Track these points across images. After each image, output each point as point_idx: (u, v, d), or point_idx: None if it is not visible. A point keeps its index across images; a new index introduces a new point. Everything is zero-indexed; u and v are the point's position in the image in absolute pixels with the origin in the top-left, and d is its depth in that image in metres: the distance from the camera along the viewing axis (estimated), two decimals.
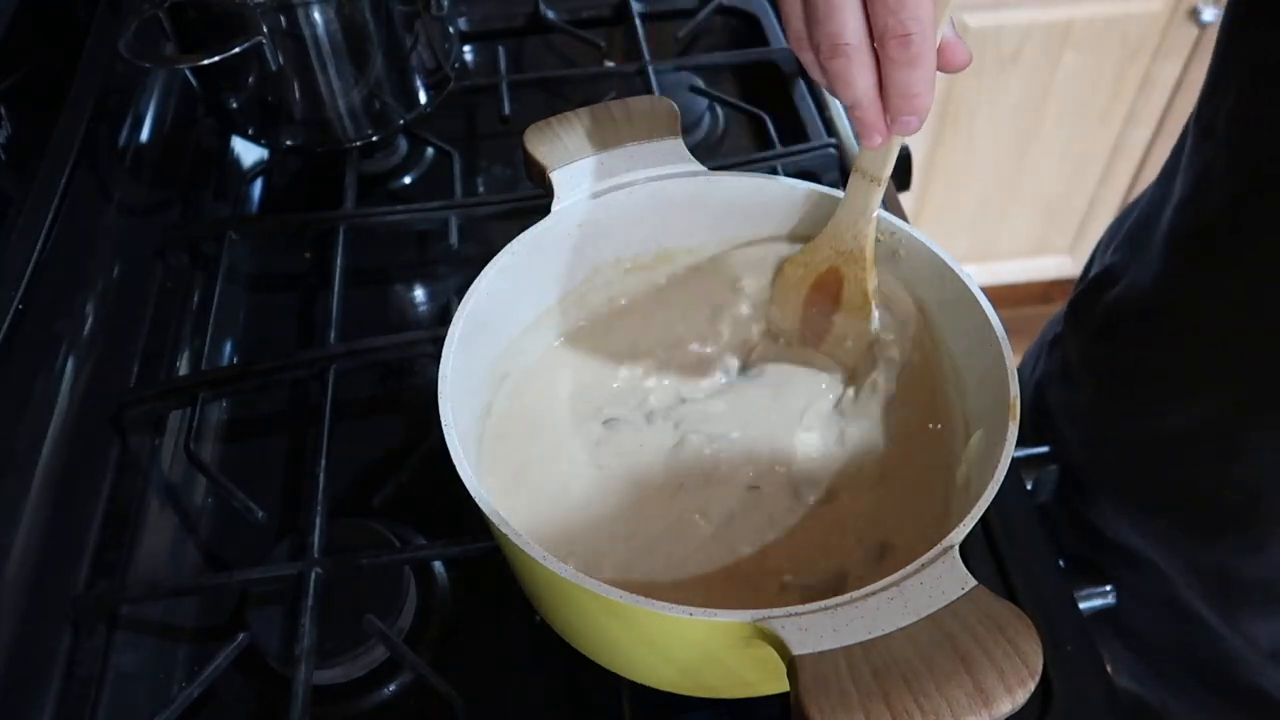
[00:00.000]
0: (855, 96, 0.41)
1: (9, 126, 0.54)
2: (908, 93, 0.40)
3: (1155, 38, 1.48)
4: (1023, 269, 1.85)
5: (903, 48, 0.39)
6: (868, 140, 0.43)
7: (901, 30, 0.39)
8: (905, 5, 0.38)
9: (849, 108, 0.42)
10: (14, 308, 0.51)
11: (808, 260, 0.51)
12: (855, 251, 0.49)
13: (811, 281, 0.51)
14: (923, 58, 0.40)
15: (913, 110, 0.41)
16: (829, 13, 0.40)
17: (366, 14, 0.67)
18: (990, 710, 0.31)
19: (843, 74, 0.41)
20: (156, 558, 0.55)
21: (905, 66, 0.40)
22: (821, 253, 0.50)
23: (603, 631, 0.43)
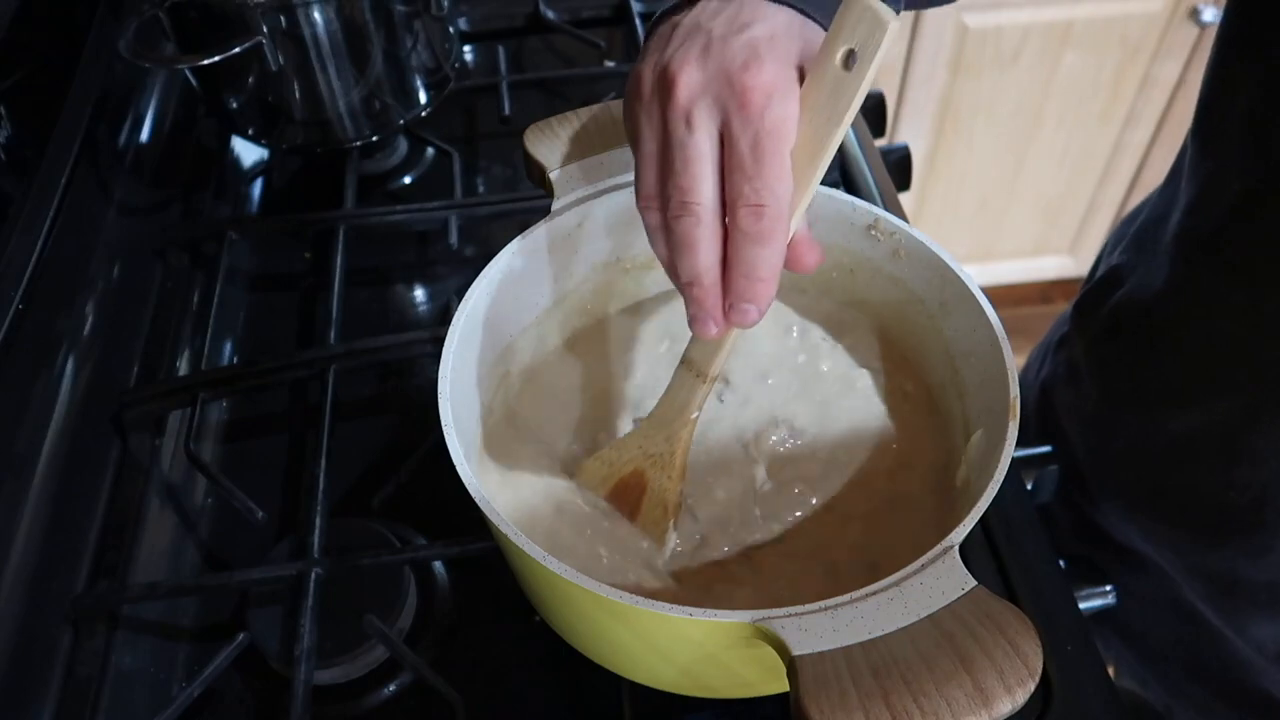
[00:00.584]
0: (696, 270, 0.38)
1: (9, 126, 0.54)
2: (753, 274, 0.37)
3: (1155, 38, 1.48)
4: (1023, 269, 1.85)
5: (754, 219, 0.36)
6: (701, 328, 0.39)
7: (756, 199, 0.36)
8: (763, 174, 0.36)
9: (684, 286, 0.39)
10: (14, 308, 0.51)
11: (613, 458, 0.46)
12: (665, 455, 0.45)
13: (613, 485, 0.46)
14: (774, 234, 0.36)
15: (753, 297, 0.37)
16: (684, 166, 0.37)
17: (366, 14, 0.67)
18: (990, 710, 0.31)
19: (687, 237, 0.37)
20: (156, 558, 0.55)
21: (754, 241, 0.36)
22: (628, 451, 0.46)
23: (603, 632, 0.43)
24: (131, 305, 0.64)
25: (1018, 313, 1.92)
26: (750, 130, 0.36)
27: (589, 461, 0.47)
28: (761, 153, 0.36)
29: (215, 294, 0.66)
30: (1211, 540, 0.55)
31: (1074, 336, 0.65)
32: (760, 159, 0.36)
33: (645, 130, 0.39)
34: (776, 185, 0.36)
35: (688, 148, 0.37)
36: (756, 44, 0.37)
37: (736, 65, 0.36)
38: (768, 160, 0.36)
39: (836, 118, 0.36)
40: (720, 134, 0.37)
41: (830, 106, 0.36)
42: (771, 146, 0.36)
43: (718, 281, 0.38)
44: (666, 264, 0.39)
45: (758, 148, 0.36)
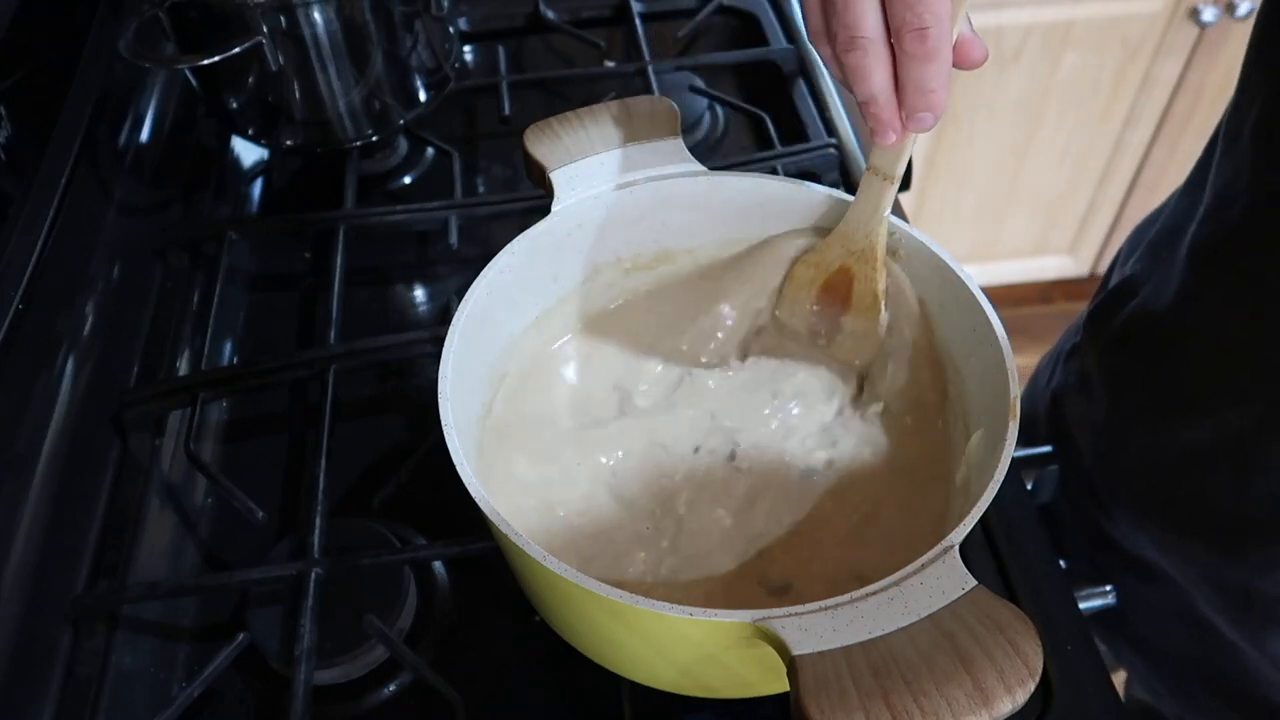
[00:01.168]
0: (871, 91, 0.41)
1: (9, 126, 0.54)
2: (924, 88, 0.40)
3: (1155, 38, 1.48)
4: (1023, 269, 1.85)
5: (919, 41, 0.39)
6: (882, 138, 0.43)
7: (918, 24, 0.39)
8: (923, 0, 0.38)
9: (863, 104, 0.42)
10: (14, 308, 0.51)
11: (819, 260, 0.50)
12: (867, 251, 0.49)
13: (822, 281, 0.51)
14: (939, 53, 0.39)
15: (928, 106, 0.41)
16: (847, 5, 0.40)
17: (366, 14, 0.67)
18: (990, 710, 0.31)
19: (859, 67, 0.41)
20: (156, 558, 0.55)
21: (921, 61, 0.40)
22: (833, 251, 0.50)
23: (603, 632, 0.43)
24: (131, 305, 0.64)
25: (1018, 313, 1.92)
26: None
27: (796, 267, 0.51)
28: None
29: (215, 294, 0.66)
30: (1227, 552, 0.54)
31: (1086, 346, 0.64)
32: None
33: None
34: (935, 6, 0.39)
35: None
36: None
37: None
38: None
39: None
40: None
41: None
42: None
43: (892, 98, 0.41)
44: (843, 83, 0.43)
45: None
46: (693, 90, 0.80)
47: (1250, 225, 0.49)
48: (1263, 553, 0.52)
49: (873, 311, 0.50)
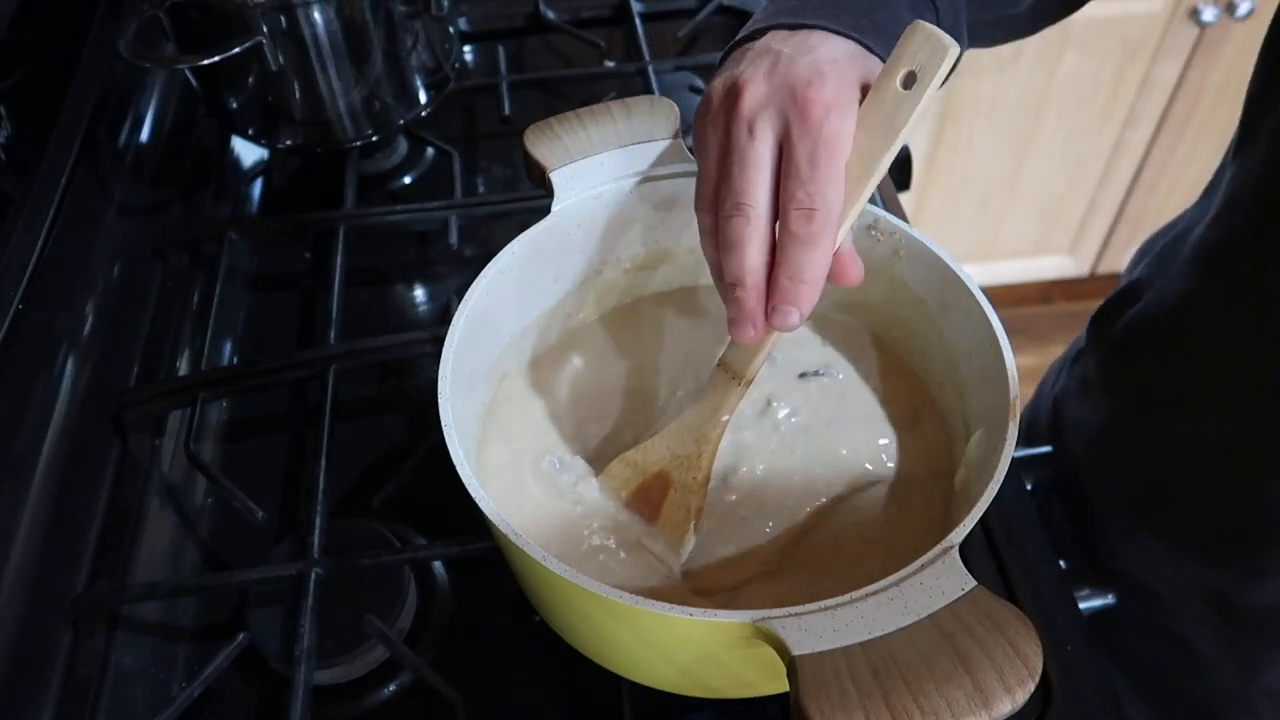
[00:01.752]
0: (742, 268, 0.39)
1: (9, 126, 0.54)
2: (798, 275, 0.38)
3: (1155, 38, 1.48)
4: (1023, 269, 1.85)
5: (805, 221, 0.38)
6: (740, 333, 0.41)
7: (808, 203, 0.38)
8: (816, 180, 0.38)
9: (729, 285, 0.40)
10: (14, 308, 0.51)
11: (638, 460, 0.47)
12: (692, 457, 0.45)
13: (635, 486, 0.47)
14: (821, 239, 0.38)
15: (796, 299, 0.39)
16: (741, 170, 0.39)
17: (366, 14, 0.67)
18: (990, 710, 0.31)
19: (738, 236, 0.39)
20: (156, 558, 0.55)
21: (802, 244, 0.38)
22: (655, 452, 0.46)
23: (603, 632, 0.43)
24: (131, 305, 0.64)
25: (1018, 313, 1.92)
26: (809, 139, 0.38)
27: (614, 464, 0.48)
28: (817, 161, 0.38)
29: (215, 294, 0.66)
30: (1215, 559, 0.54)
31: (1088, 350, 0.64)
32: (816, 166, 0.38)
33: (710, 139, 0.41)
34: (829, 192, 0.38)
35: (747, 153, 0.39)
36: (821, 64, 0.39)
37: (801, 81, 0.39)
38: (823, 168, 0.38)
39: (892, 135, 0.38)
40: (780, 144, 0.39)
41: (886, 124, 0.38)
42: (827, 156, 0.38)
43: (761, 284, 0.40)
44: (714, 265, 0.41)
45: (814, 156, 0.38)
46: (693, 90, 0.80)
47: (1257, 229, 0.49)
48: (1254, 560, 0.52)
49: (680, 530, 0.45)
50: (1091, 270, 1.86)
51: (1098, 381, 0.62)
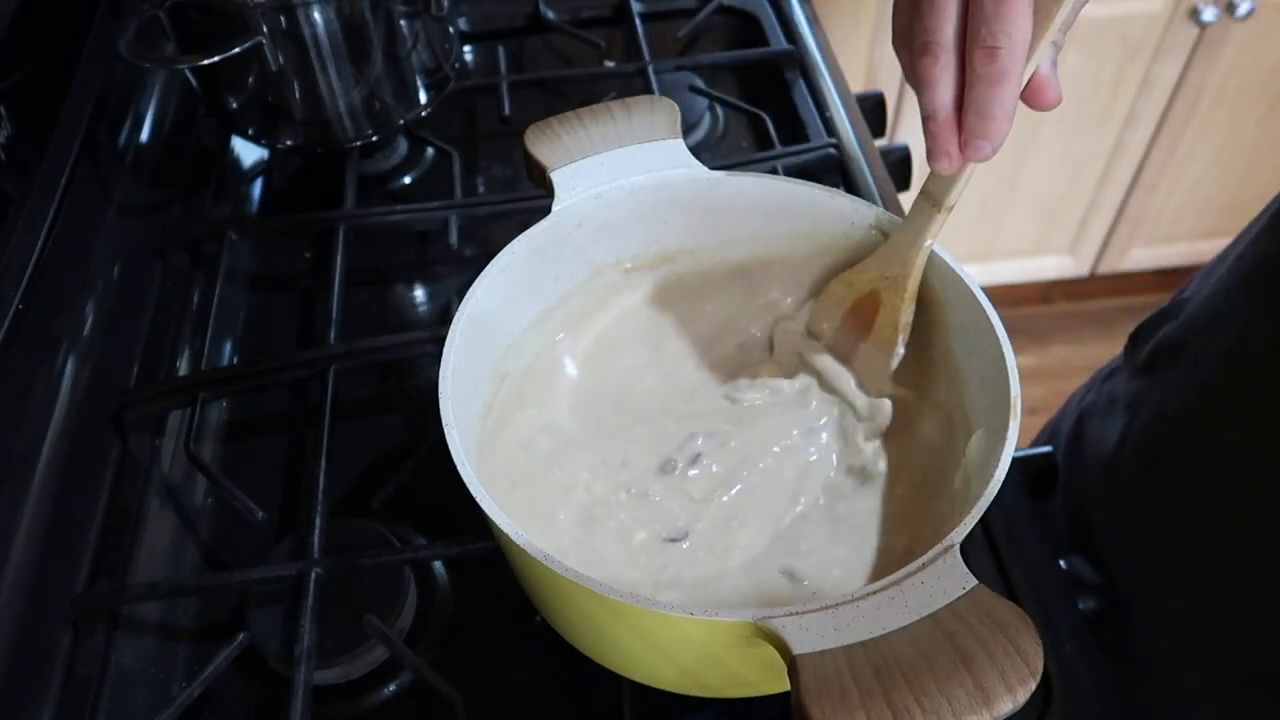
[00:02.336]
0: (933, 104, 0.40)
1: (9, 126, 0.54)
2: (985, 112, 0.39)
3: (1155, 38, 1.48)
4: (1023, 269, 1.85)
5: (988, 60, 0.37)
6: (936, 164, 0.42)
7: (991, 41, 0.37)
8: (1001, 16, 0.37)
9: (924, 120, 0.41)
10: (14, 308, 0.51)
11: (854, 279, 0.50)
12: (900, 278, 0.47)
13: (852, 302, 0.50)
14: (1007, 77, 0.38)
15: (986, 134, 0.39)
16: (930, 8, 0.39)
17: (366, 14, 0.67)
18: (991, 709, 0.31)
19: (927, 74, 0.39)
20: (156, 558, 0.55)
21: (987, 83, 0.38)
22: (869, 273, 0.49)
23: (603, 631, 0.43)
24: (131, 305, 0.64)
25: (1018, 313, 1.92)
26: None
27: (833, 283, 0.51)
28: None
29: (215, 294, 0.66)
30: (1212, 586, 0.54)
31: (1123, 367, 0.64)
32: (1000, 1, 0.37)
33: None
34: (1012, 28, 0.37)
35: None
36: None
37: None
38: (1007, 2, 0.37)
39: None
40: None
41: None
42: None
43: (952, 118, 0.40)
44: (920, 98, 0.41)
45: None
46: (693, 90, 0.80)
47: None
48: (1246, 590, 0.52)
49: (889, 344, 0.49)
50: (1091, 270, 1.86)
51: (1121, 399, 0.62)
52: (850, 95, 0.80)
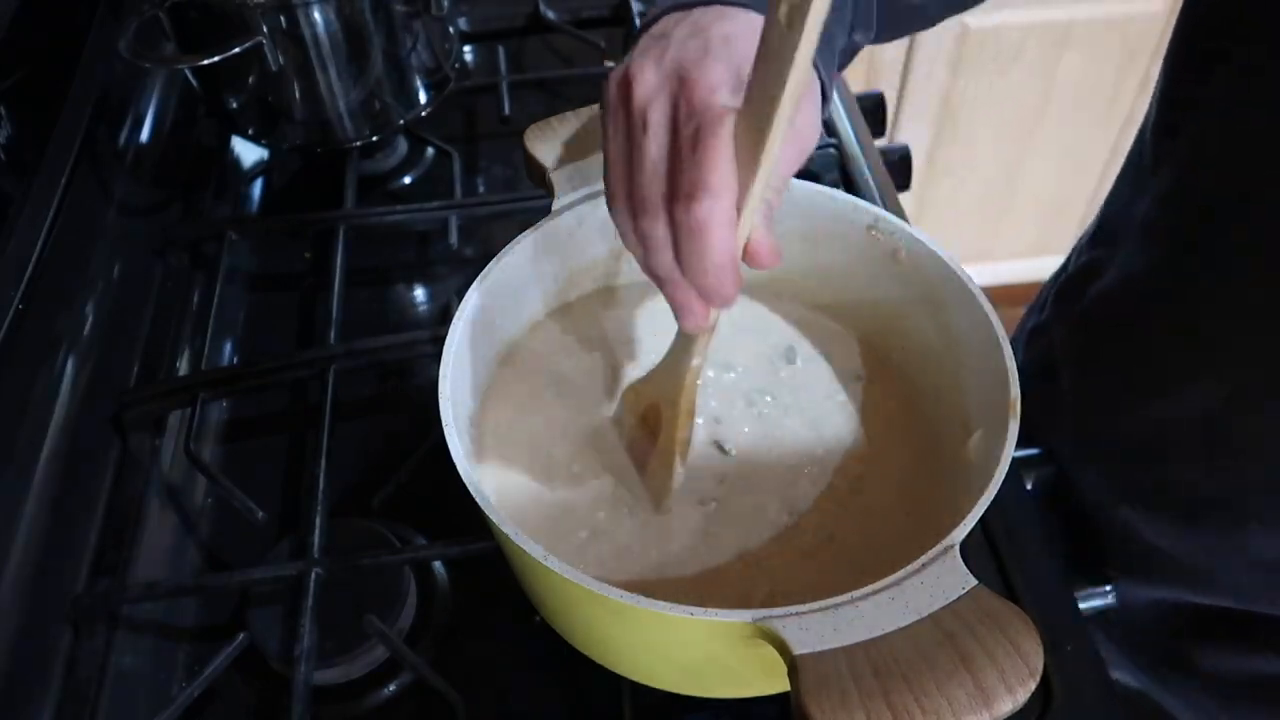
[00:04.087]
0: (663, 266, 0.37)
1: (9, 126, 0.54)
2: (696, 266, 0.36)
3: (1155, 38, 1.48)
4: (1022, 269, 1.85)
5: (684, 210, 0.35)
6: (684, 324, 0.40)
7: (687, 189, 0.35)
8: (697, 165, 0.35)
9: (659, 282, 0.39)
10: (14, 308, 0.51)
11: (640, 389, 0.48)
12: (673, 397, 0.46)
13: (638, 414, 0.49)
14: (707, 227, 0.35)
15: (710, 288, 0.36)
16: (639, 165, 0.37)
17: (366, 14, 0.67)
18: (991, 709, 0.31)
19: (649, 233, 0.37)
20: (156, 558, 0.55)
21: (689, 234, 0.35)
22: (650, 386, 0.47)
23: (603, 631, 0.43)
24: (131, 305, 0.64)
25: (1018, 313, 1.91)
26: (692, 123, 0.36)
27: (625, 389, 0.49)
28: (698, 143, 0.35)
29: (215, 294, 0.66)
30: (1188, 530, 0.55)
31: (1053, 325, 0.64)
32: (697, 149, 0.35)
33: (611, 133, 0.39)
34: (709, 175, 0.35)
35: (645, 147, 0.37)
36: (710, 43, 0.37)
37: (689, 63, 0.37)
38: (702, 150, 0.35)
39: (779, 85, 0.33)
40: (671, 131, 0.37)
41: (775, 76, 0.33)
42: (708, 135, 0.35)
43: None
44: (640, 263, 0.39)
45: (696, 138, 0.35)
46: None
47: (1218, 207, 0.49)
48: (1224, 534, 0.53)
49: (666, 459, 0.46)
50: None
51: (1061, 360, 0.62)
52: (850, 95, 0.80)
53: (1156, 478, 0.56)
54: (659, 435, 0.47)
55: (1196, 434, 0.52)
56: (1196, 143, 0.50)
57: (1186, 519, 0.55)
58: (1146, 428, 0.55)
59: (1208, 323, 0.50)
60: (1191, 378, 0.52)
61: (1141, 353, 0.55)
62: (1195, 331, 0.51)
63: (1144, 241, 0.54)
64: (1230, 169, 0.48)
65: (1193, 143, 0.50)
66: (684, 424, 0.46)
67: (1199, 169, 0.50)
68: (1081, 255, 0.66)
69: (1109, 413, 0.58)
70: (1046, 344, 0.65)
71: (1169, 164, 0.52)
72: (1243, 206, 0.47)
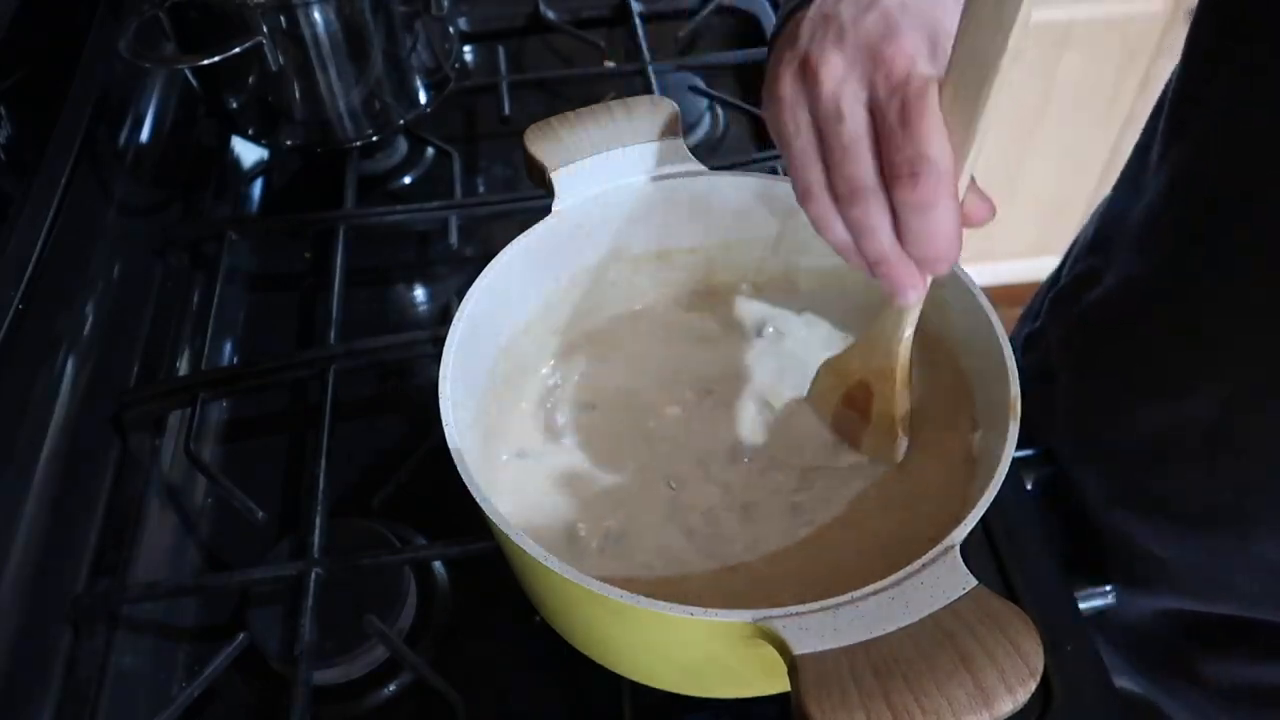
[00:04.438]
0: (880, 250, 0.38)
1: (9, 126, 0.54)
2: (924, 240, 0.36)
3: (1155, 38, 1.48)
4: (1022, 269, 1.84)
5: (910, 188, 0.35)
6: (904, 299, 0.39)
7: (910, 169, 0.35)
8: (913, 140, 0.35)
9: (874, 264, 0.39)
10: (14, 308, 0.51)
11: (840, 367, 0.48)
12: (886, 371, 0.46)
13: (844, 390, 0.48)
14: (935, 200, 0.35)
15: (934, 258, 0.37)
16: (844, 154, 0.36)
17: (366, 14, 0.67)
18: (991, 709, 0.31)
19: (863, 223, 0.37)
20: (156, 558, 0.55)
21: (916, 211, 0.36)
22: (853, 362, 0.47)
23: (603, 631, 0.43)
24: (131, 305, 0.64)
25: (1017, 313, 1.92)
26: (896, 99, 0.35)
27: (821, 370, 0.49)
28: (909, 118, 0.35)
29: (215, 294, 0.66)
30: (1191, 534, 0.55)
31: (1050, 330, 0.64)
32: (908, 125, 0.35)
33: (795, 127, 0.39)
34: (928, 149, 0.35)
35: (843, 135, 0.37)
36: (889, 15, 0.37)
37: (875, 38, 0.36)
38: (915, 124, 0.35)
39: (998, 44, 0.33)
40: (871, 111, 0.37)
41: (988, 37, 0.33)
42: (918, 109, 0.35)
43: (903, 255, 0.38)
44: (846, 249, 0.39)
45: (905, 114, 0.35)
46: (693, 90, 0.80)
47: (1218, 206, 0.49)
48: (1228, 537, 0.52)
49: (889, 435, 0.47)
50: None
51: (1060, 364, 0.62)
52: None
53: (1158, 480, 0.56)
54: (870, 410, 0.47)
55: (1198, 436, 0.52)
56: (1199, 141, 0.50)
57: (1188, 522, 0.55)
58: (1147, 429, 0.55)
59: (1210, 323, 0.50)
60: (1193, 378, 0.52)
61: (1142, 354, 0.55)
62: (1197, 332, 0.51)
63: (1145, 242, 0.54)
64: (1233, 168, 0.48)
65: (1196, 141, 0.50)
66: (902, 396, 0.46)
67: (1202, 169, 0.50)
68: (1077, 264, 0.66)
69: (1108, 414, 0.58)
70: (1043, 349, 0.65)
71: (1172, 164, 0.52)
72: (1245, 206, 0.47)
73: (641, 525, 0.48)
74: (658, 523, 0.48)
